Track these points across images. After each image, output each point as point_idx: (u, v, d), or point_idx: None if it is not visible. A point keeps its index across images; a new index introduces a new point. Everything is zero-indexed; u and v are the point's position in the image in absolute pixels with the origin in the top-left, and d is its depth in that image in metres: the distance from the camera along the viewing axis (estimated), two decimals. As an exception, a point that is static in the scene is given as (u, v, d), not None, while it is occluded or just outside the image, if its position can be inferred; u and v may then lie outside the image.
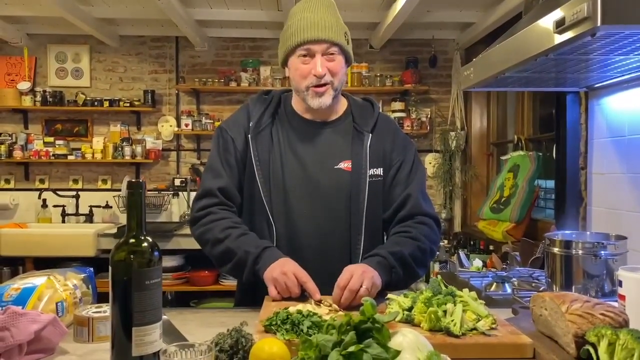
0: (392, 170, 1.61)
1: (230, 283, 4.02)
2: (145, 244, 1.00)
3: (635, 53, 1.56)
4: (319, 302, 1.32)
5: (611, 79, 2.06)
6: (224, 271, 1.55)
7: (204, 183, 1.61)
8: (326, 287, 1.37)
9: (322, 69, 1.51)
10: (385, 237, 1.63)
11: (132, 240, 0.99)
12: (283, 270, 1.37)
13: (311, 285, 1.37)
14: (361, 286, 1.31)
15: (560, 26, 1.39)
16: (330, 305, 1.29)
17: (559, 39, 1.42)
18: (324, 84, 1.53)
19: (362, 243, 1.53)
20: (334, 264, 1.47)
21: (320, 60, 1.52)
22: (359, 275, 1.33)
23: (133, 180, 1.04)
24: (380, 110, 1.70)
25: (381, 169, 1.59)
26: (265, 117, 1.61)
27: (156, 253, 1.00)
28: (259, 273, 1.43)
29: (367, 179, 1.55)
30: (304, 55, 1.53)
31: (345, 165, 1.58)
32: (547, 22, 1.47)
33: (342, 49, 1.55)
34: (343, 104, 1.68)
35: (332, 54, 1.53)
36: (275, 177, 1.56)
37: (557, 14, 1.41)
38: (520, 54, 1.67)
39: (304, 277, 1.38)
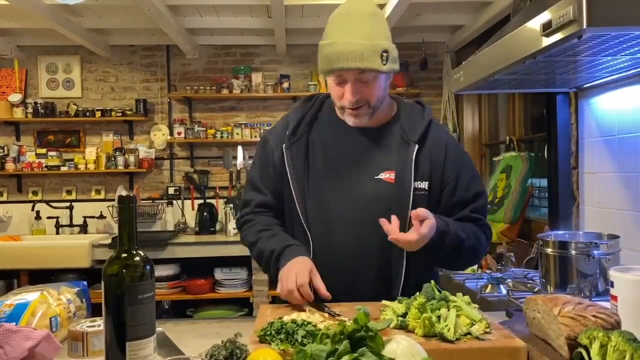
0: (448, 189, 1.52)
1: (226, 291, 4.01)
2: (137, 258, 1.00)
3: (623, 53, 1.57)
4: (335, 315, 1.28)
5: (600, 79, 2.07)
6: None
7: (244, 194, 1.67)
8: (359, 300, 1.35)
9: (354, 96, 1.44)
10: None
11: (124, 255, 0.99)
12: (294, 285, 1.36)
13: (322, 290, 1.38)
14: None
15: (547, 29, 1.40)
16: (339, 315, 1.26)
17: (546, 41, 1.43)
18: (359, 107, 1.47)
19: (405, 258, 1.46)
20: (369, 278, 1.48)
21: (351, 88, 1.44)
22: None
23: (123, 194, 1.03)
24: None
25: (427, 182, 1.50)
26: (302, 124, 1.57)
27: (148, 267, 1.00)
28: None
29: (411, 192, 1.46)
30: (338, 81, 1.46)
31: (387, 176, 1.50)
32: (535, 25, 1.48)
33: (377, 71, 1.43)
34: (391, 109, 1.60)
35: (365, 80, 1.44)
36: (311, 187, 1.52)
37: (544, 16, 1.42)
38: (508, 57, 1.68)
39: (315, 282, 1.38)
